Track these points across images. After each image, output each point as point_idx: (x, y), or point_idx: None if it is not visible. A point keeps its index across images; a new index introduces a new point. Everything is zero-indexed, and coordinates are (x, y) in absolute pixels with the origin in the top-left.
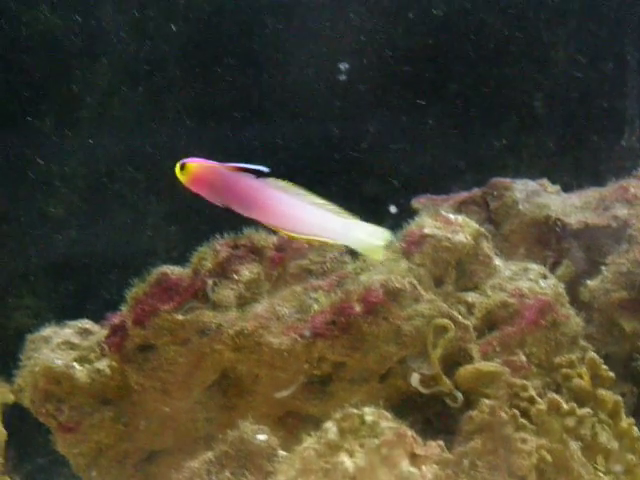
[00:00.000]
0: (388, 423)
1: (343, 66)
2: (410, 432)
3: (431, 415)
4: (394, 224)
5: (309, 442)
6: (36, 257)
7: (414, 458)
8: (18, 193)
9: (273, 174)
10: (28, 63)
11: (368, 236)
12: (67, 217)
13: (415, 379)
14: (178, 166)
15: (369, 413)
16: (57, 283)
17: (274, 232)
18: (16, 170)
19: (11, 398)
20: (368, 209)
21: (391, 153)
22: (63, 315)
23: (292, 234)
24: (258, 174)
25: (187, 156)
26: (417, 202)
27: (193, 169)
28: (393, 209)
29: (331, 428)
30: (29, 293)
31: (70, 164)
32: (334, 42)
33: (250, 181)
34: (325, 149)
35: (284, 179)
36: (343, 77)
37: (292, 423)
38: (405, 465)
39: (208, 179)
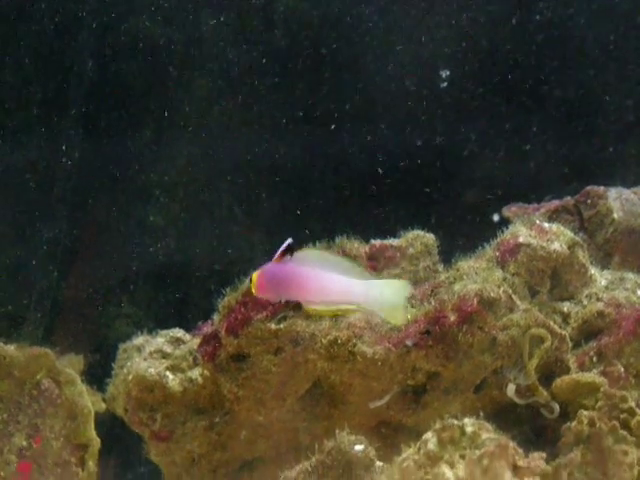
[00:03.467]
0: (489, 434)
1: (444, 73)
2: (512, 443)
3: (529, 428)
4: (493, 233)
5: (408, 453)
6: (136, 266)
7: (516, 470)
8: (118, 203)
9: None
10: (128, 73)
11: (389, 294)
12: (166, 226)
13: (511, 390)
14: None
15: (469, 424)
16: (156, 292)
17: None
18: (116, 180)
19: (102, 407)
20: (469, 217)
21: (493, 161)
22: (163, 324)
23: (318, 309)
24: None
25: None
26: (508, 211)
27: (255, 280)
28: (496, 217)
29: (431, 439)
30: (129, 302)
31: (169, 173)
32: (435, 48)
33: (280, 269)
34: (427, 157)
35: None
36: (444, 84)
37: (386, 433)
38: (508, 477)
39: (263, 286)
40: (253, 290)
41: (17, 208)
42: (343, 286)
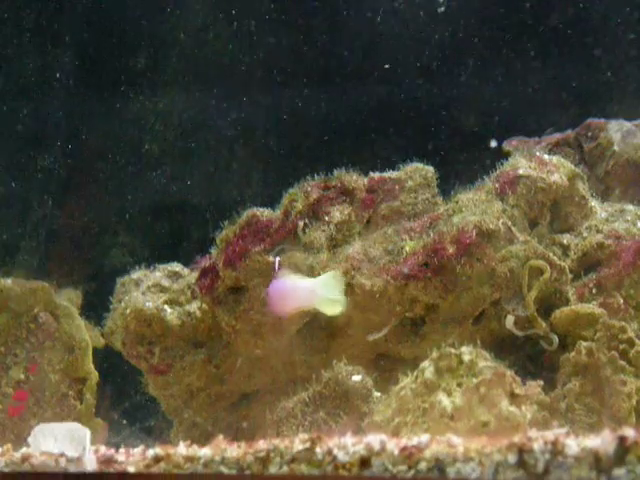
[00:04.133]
0: (486, 362)
1: None
2: (509, 372)
3: (526, 357)
4: (492, 161)
5: (406, 382)
6: (131, 195)
7: (514, 398)
8: (114, 131)
9: None
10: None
11: (328, 288)
12: (161, 156)
13: (510, 321)
14: None
15: (467, 352)
16: (152, 221)
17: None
18: (112, 109)
19: (102, 342)
20: (468, 144)
21: (490, 88)
22: (158, 253)
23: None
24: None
25: None
26: (509, 145)
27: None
28: (493, 143)
29: (428, 367)
30: (124, 231)
31: (166, 101)
32: None
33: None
34: (423, 84)
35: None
36: (442, 8)
37: (384, 365)
38: (505, 404)
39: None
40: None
41: (11, 137)
42: (300, 291)
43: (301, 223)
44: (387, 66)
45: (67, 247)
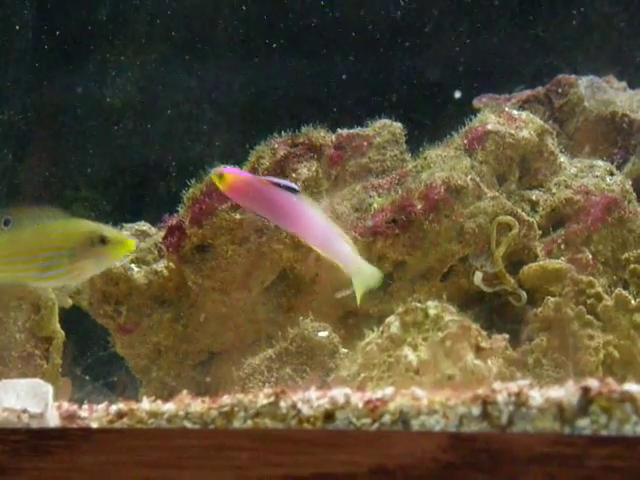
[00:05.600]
0: (452, 316)
1: None
2: (475, 325)
3: (493, 312)
4: (457, 112)
5: (371, 337)
6: (93, 149)
7: (479, 351)
8: (75, 83)
9: None
10: None
11: (366, 276)
12: (123, 108)
13: (478, 277)
14: (216, 174)
15: (432, 307)
16: (114, 176)
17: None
18: (72, 59)
19: (69, 302)
20: (432, 94)
21: (455, 38)
22: (121, 208)
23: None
24: (289, 190)
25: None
26: (479, 102)
27: (231, 180)
28: (457, 94)
29: (394, 322)
30: (86, 185)
31: (127, 52)
32: None
33: (283, 195)
34: (388, 32)
35: None
36: None
37: (352, 323)
38: (470, 358)
39: (245, 191)
40: (221, 186)
41: None
42: (338, 245)
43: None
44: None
45: (28, 202)
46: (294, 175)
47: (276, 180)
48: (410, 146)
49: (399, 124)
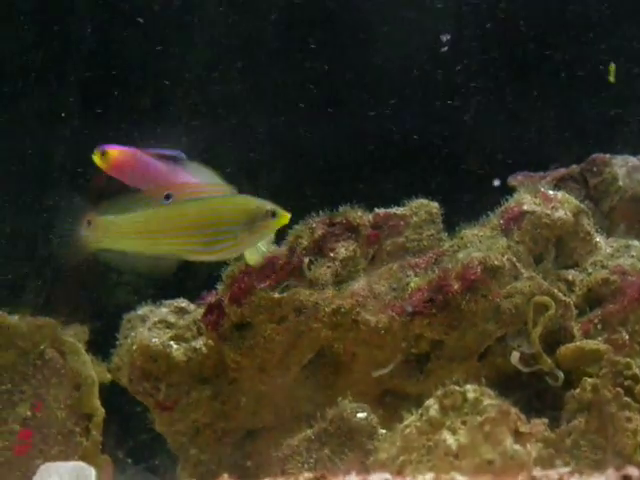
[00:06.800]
0: (491, 400)
1: (445, 37)
2: (514, 409)
3: (532, 394)
4: (497, 199)
5: (410, 420)
6: None
7: (518, 436)
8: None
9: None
10: (126, 40)
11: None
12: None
13: (515, 357)
14: (98, 153)
15: (471, 390)
16: (156, 260)
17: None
18: None
19: (108, 377)
20: (472, 184)
21: (493, 128)
22: (163, 293)
23: None
24: (175, 160)
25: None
26: (514, 180)
27: (114, 155)
28: (497, 183)
29: (432, 405)
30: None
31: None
32: (436, 12)
33: (164, 166)
34: (428, 123)
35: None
36: (445, 48)
37: (390, 402)
38: (509, 442)
39: (129, 165)
40: (103, 165)
41: (18, 177)
42: None
43: (307, 260)
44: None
45: (72, 287)
46: (332, 254)
47: (160, 151)
48: (446, 225)
49: (435, 204)
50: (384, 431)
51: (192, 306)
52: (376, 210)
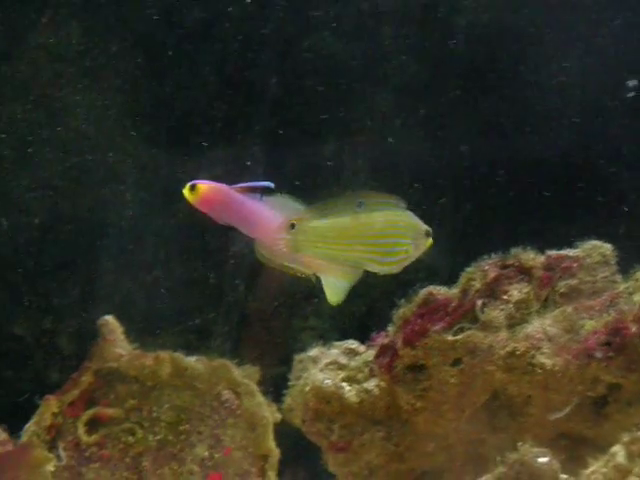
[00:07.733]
0: None
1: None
2: None
3: None
4: None
5: (596, 466)
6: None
7: None
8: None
9: None
10: (310, 89)
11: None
12: None
13: None
14: (188, 187)
15: None
16: (343, 305)
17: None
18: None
19: (279, 417)
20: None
21: None
22: (347, 336)
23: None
24: (266, 191)
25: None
26: None
27: (202, 190)
28: None
29: (619, 452)
30: (314, 314)
31: (351, 186)
32: (619, 54)
33: (252, 203)
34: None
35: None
36: (631, 93)
37: (566, 445)
38: None
39: (216, 200)
40: (192, 199)
41: (206, 223)
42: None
43: (480, 302)
44: None
45: (258, 332)
46: (505, 297)
47: (249, 185)
48: (620, 267)
49: (609, 245)
50: (565, 476)
51: (362, 347)
52: (548, 252)
